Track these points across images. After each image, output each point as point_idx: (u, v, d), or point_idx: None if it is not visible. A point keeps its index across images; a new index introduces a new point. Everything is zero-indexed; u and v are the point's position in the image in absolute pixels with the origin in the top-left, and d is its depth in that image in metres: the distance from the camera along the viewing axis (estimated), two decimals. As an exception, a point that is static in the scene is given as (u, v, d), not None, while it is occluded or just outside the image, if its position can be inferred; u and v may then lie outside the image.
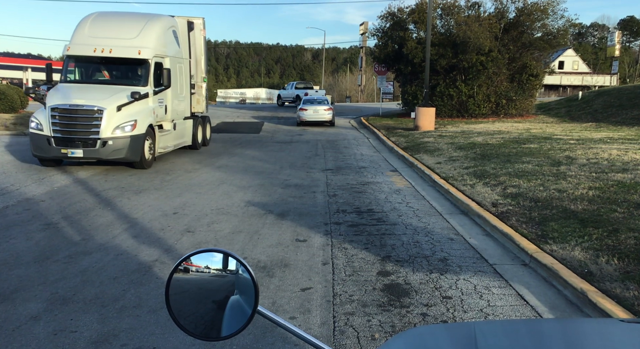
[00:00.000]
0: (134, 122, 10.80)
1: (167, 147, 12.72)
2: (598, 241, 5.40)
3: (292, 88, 41.55)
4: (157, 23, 12.42)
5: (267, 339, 3.65)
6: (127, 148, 10.67)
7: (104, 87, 11.51)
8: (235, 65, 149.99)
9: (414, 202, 8.36)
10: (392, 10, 26.92)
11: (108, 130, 10.56)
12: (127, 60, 11.69)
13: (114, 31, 11.92)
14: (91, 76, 12.17)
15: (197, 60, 15.09)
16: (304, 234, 6.44)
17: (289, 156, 14.09)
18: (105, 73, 12.22)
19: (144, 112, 11.19)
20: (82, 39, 11.75)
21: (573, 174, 8.86)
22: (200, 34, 15.10)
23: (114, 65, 12.00)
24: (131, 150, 10.75)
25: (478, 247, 5.95)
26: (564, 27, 24.95)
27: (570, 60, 65.79)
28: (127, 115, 10.79)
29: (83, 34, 11.84)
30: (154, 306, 4.23)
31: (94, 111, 10.53)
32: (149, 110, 11.43)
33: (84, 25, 12.08)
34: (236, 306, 1.37)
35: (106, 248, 5.81)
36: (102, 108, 10.54)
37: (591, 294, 4.20)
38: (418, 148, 14.27)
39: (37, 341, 3.64)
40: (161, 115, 12.14)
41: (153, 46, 11.83)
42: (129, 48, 11.59)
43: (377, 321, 3.99)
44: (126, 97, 10.91)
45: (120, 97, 10.92)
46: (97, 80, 12.08)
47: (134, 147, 10.76)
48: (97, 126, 10.53)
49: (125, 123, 10.71)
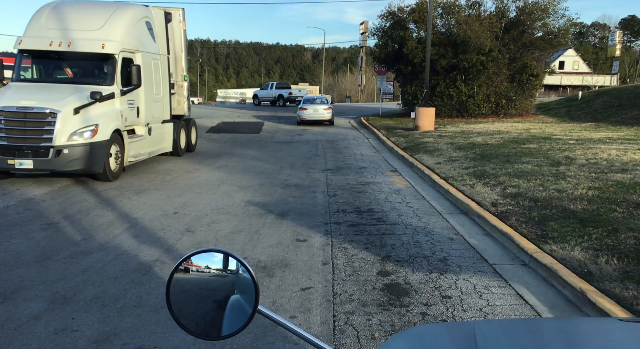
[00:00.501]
0: (94, 127, 9.27)
1: (140, 154, 11.19)
2: (597, 241, 5.41)
3: (272, 88, 42.52)
4: (127, 13, 10.85)
5: (268, 339, 3.66)
6: (86, 157, 9.15)
7: (62, 86, 9.94)
8: (235, 65, 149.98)
9: (414, 202, 8.37)
10: (392, 10, 26.94)
11: (63, 137, 8.99)
12: (89, 56, 10.17)
13: (75, 22, 10.32)
14: (51, 74, 10.58)
15: (177, 57, 13.52)
16: (304, 234, 6.44)
17: (289, 156, 14.09)
18: (68, 71, 10.70)
19: (108, 115, 9.68)
20: (37, 31, 10.22)
21: (572, 174, 8.87)
22: (180, 27, 13.43)
23: (75, 61, 10.48)
24: (91, 160, 9.22)
25: (478, 247, 5.95)
26: (564, 26, 24.95)
27: (570, 60, 65.79)
28: (87, 119, 9.28)
29: (39, 25, 10.31)
30: (155, 305, 4.24)
31: (46, 114, 8.92)
32: (115, 113, 9.94)
33: (40, 15, 10.50)
34: (236, 305, 1.37)
35: (107, 247, 5.82)
36: (56, 110, 8.95)
37: (590, 294, 4.21)
38: (418, 149, 14.27)
39: (38, 340, 3.65)
40: (132, 118, 10.67)
41: (120, 39, 10.29)
42: (92, 41, 10.03)
43: (377, 321, 3.99)
44: (86, 98, 9.41)
45: (79, 97, 9.38)
46: (56, 79, 10.49)
47: (95, 156, 9.25)
48: (50, 132, 8.93)
49: (83, 128, 9.18)
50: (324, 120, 24.42)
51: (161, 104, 12.27)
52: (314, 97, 26.98)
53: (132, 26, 10.85)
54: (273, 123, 25.17)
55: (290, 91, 41.68)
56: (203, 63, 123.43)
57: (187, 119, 14.38)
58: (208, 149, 15.61)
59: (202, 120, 24.85)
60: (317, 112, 24.13)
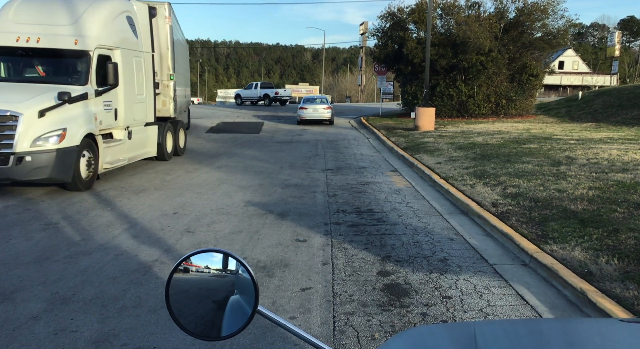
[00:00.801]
0: (62, 131, 8.33)
1: (118, 160, 10.23)
2: (598, 241, 5.40)
3: (256, 88, 43.69)
4: (104, 6, 10.02)
5: (267, 339, 3.65)
6: (52, 165, 8.14)
7: (30, 86, 9.03)
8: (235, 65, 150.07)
9: (414, 202, 8.36)
10: (392, 10, 26.96)
11: (25, 142, 8.04)
12: (61, 52, 9.30)
13: (46, 16, 9.48)
14: (20, 73, 9.70)
15: (162, 54, 12.60)
16: (304, 234, 6.44)
17: (289, 156, 14.09)
18: (39, 69, 9.76)
19: (79, 118, 8.76)
20: (4, 25, 9.40)
21: (573, 174, 8.86)
22: (165, 23, 12.52)
23: (45, 58, 9.58)
24: (58, 168, 8.25)
25: (478, 247, 5.95)
26: (564, 27, 24.97)
27: (570, 60, 65.83)
28: (53, 123, 8.31)
29: (6, 19, 9.49)
30: (154, 306, 4.24)
31: (6, 117, 7.99)
32: (88, 116, 9.02)
33: (8, 8, 9.68)
34: (236, 306, 1.37)
35: (106, 248, 5.82)
36: (17, 113, 8.01)
37: (591, 294, 4.20)
38: (418, 148, 14.27)
39: (37, 340, 3.65)
40: (108, 121, 9.77)
41: (96, 35, 9.48)
42: (63, 37, 9.19)
43: (377, 321, 3.99)
44: (54, 99, 8.43)
45: (46, 98, 8.41)
46: (24, 78, 9.60)
47: (62, 164, 8.29)
48: (10, 137, 7.97)
49: (49, 133, 8.22)
50: (324, 119, 24.66)
51: (144, 105, 11.43)
52: (314, 97, 27.21)
53: (111, 21, 10.03)
54: (273, 123, 25.17)
55: (276, 90, 43.26)
56: (203, 63, 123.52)
57: (175, 121, 13.59)
58: (208, 149, 15.61)
59: (202, 120, 24.88)
60: (317, 112, 24.42)
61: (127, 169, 11.27)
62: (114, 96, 9.91)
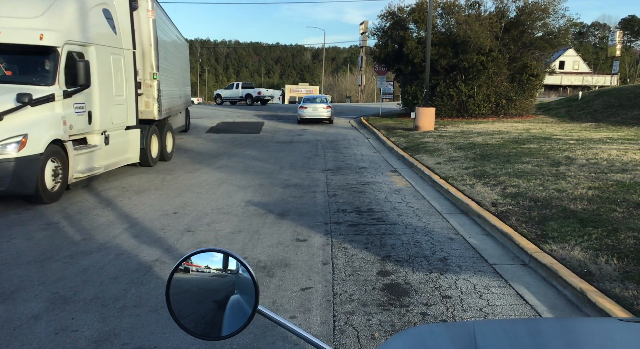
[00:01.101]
0: (22, 138, 7.37)
1: (93, 168, 9.21)
2: (597, 241, 5.41)
3: (238, 88, 44.70)
4: None
5: (268, 339, 3.66)
6: (10, 176, 7.22)
7: None
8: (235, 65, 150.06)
9: (414, 202, 8.37)
10: (392, 10, 26.93)
11: None
12: (24, 48, 8.29)
13: (10, 8, 8.46)
14: None
15: (145, 51, 11.58)
16: (304, 234, 6.44)
17: (289, 156, 14.09)
18: (1, 67, 8.68)
19: (44, 122, 7.81)
20: None
21: (572, 174, 8.87)
22: (148, 17, 11.51)
23: (7, 55, 8.52)
24: (17, 180, 7.29)
25: (478, 247, 5.95)
26: (564, 26, 24.94)
27: (570, 60, 65.81)
28: (12, 128, 7.39)
29: None
30: (155, 305, 4.24)
31: None
32: (55, 119, 8.05)
33: None
34: (236, 305, 1.37)
35: (106, 247, 5.82)
36: None
37: (590, 294, 4.21)
38: (418, 148, 14.27)
39: (38, 340, 3.65)
40: (80, 125, 8.78)
41: (65, 29, 8.49)
42: (27, 31, 8.17)
43: (377, 321, 3.99)
44: (13, 101, 7.51)
45: (4, 100, 7.48)
46: None
47: (21, 175, 7.33)
48: None
49: (7, 139, 7.28)
50: (324, 118, 24.90)
51: (123, 107, 10.44)
52: (314, 96, 27.38)
53: (83, 14, 9.02)
54: (273, 123, 25.18)
55: (259, 90, 44.65)
56: (203, 63, 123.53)
57: (162, 124, 12.70)
58: (208, 149, 15.61)
59: (201, 120, 24.89)
60: (317, 111, 24.67)
61: (127, 169, 11.27)
62: (87, 97, 8.96)
